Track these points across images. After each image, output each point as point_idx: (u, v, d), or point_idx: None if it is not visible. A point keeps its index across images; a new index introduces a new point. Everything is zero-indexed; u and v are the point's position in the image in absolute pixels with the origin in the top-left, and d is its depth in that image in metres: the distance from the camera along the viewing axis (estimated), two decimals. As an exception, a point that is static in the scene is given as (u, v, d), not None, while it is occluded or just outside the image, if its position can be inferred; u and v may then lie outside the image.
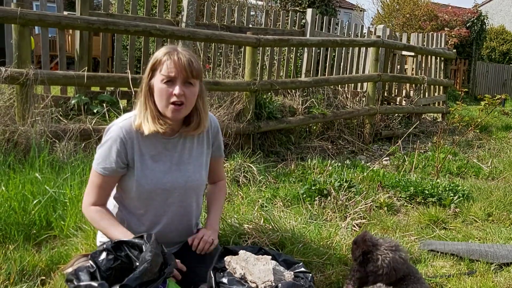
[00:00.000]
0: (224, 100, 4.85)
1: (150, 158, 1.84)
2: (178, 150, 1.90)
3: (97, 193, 1.85)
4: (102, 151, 1.82)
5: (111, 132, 1.82)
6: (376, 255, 1.89)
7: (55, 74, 3.82)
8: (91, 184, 1.86)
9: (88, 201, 1.86)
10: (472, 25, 15.11)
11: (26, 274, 2.15)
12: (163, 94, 1.76)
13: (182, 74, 1.75)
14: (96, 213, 1.84)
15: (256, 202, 3.29)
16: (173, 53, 1.76)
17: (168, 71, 1.74)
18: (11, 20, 3.58)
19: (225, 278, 1.65)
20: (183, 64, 1.74)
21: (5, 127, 3.39)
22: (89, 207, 1.85)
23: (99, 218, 1.84)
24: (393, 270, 1.86)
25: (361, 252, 1.93)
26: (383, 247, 1.91)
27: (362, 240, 1.95)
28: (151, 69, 1.79)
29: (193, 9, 5.83)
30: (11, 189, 2.68)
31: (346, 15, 26.78)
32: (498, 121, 9.24)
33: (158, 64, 1.77)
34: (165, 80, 1.75)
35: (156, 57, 1.79)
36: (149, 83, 1.80)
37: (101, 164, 1.81)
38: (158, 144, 1.86)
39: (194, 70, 1.77)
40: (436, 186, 3.94)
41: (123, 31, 4.21)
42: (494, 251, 2.78)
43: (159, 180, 1.84)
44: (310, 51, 7.04)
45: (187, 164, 1.91)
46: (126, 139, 1.80)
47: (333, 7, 10.30)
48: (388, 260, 1.86)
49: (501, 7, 27.20)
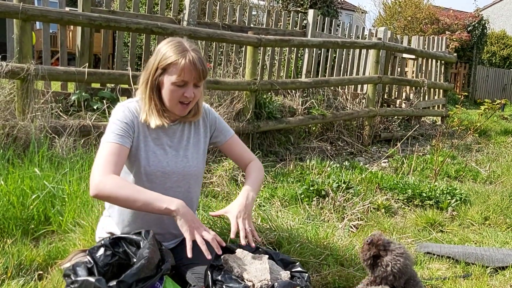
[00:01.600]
0: (224, 99, 4.86)
1: (152, 141, 1.88)
2: (177, 136, 1.95)
3: (112, 161, 1.70)
4: (111, 126, 1.80)
5: (118, 111, 1.84)
6: (386, 261, 1.86)
7: (55, 70, 3.82)
8: (102, 156, 1.72)
9: (102, 171, 1.67)
10: (473, 29, 15.13)
11: (23, 269, 2.16)
12: (174, 95, 1.80)
13: (195, 79, 1.80)
14: (119, 180, 1.67)
15: (254, 201, 3.29)
16: (188, 57, 1.77)
17: (183, 77, 1.77)
18: (13, 15, 3.58)
19: (222, 276, 1.66)
20: (198, 69, 1.78)
21: (5, 121, 3.39)
22: (108, 176, 1.66)
23: (123, 184, 1.67)
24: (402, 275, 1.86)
25: (372, 255, 1.89)
26: (394, 253, 1.87)
27: (376, 243, 1.90)
28: (162, 68, 1.79)
29: (195, 7, 5.83)
30: (10, 184, 2.69)
31: (348, 17, 26.80)
32: (497, 125, 9.25)
33: (171, 65, 1.77)
34: (178, 84, 1.78)
35: (169, 56, 1.77)
36: (158, 78, 1.81)
37: (112, 135, 1.77)
38: (158, 129, 1.90)
39: (204, 72, 1.82)
40: (434, 189, 3.95)
41: (125, 28, 4.21)
42: (490, 254, 2.80)
43: (160, 163, 1.87)
44: (311, 52, 7.05)
45: (185, 150, 1.95)
46: (132, 119, 1.84)
47: (334, 9, 10.32)
48: (398, 267, 1.84)
49: (503, 12, 27.22)
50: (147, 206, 1.64)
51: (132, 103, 1.89)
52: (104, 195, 1.65)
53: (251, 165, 2.11)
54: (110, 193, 1.64)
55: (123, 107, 1.85)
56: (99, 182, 1.65)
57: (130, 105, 1.87)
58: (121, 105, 1.87)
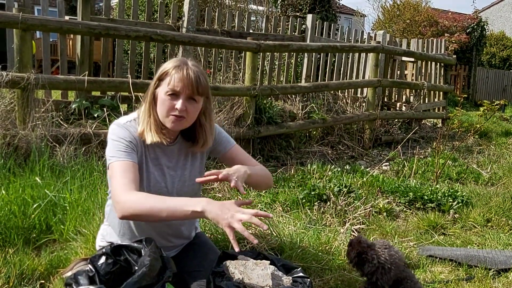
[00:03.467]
0: (224, 105, 4.87)
1: (150, 161, 1.85)
2: (175, 156, 1.91)
3: (128, 178, 1.66)
4: (116, 145, 1.75)
5: (119, 130, 1.79)
6: (371, 255, 1.93)
7: (56, 79, 3.83)
8: (117, 176, 1.68)
9: (122, 191, 1.63)
10: (472, 31, 15.15)
11: (25, 278, 2.16)
12: (165, 106, 1.75)
13: (187, 90, 1.73)
14: (138, 194, 1.64)
15: (255, 207, 3.30)
16: (183, 67, 1.74)
17: (174, 85, 1.73)
18: (12, 25, 3.60)
19: (224, 282, 1.65)
20: (190, 80, 1.73)
21: (6, 131, 3.40)
22: (127, 194, 1.62)
23: (144, 196, 1.63)
24: (391, 265, 1.88)
25: (356, 253, 1.96)
26: (376, 247, 1.95)
27: (357, 241, 1.99)
28: (158, 79, 1.78)
29: (194, 14, 5.85)
30: (11, 193, 2.69)
31: (347, 21, 26.85)
32: (498, 127, 9.25)
33: (166, 75, 1.76)
34: (169, 93, 1.74)
35: (165, 67, 1.77)
36: (154, 91, 1.79)
37: (120, 153, 1.73)
38: (157, 149, 1.87)
39: (200, 87, 1.75)
40: (435, 191, 3.95)
41: (124, 36, 4.23)
42: (492, 257, 2.79)
43: (158, 184, 1.85)
44: (310, 56, 7.07)
45: (183, 170, 1.92)
46: (133, 137, 1.79)
47: (333, 13, 10.34)
48: (384, 257, 1.89)
49: (501, 13, 27.27)
50: (173, 214, 1.58)
51: (130, 122, 1.83)
52: (130, 214, 1.62)
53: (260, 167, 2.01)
54: (134, 210, 1.60)
55: (123, 127, 1.80)
56: (122, 202, 1.62)
57: (128, 124, 1.82)
58: (119, 125, 1.81)
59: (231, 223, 1.49)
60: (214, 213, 1.53)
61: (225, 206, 1.55)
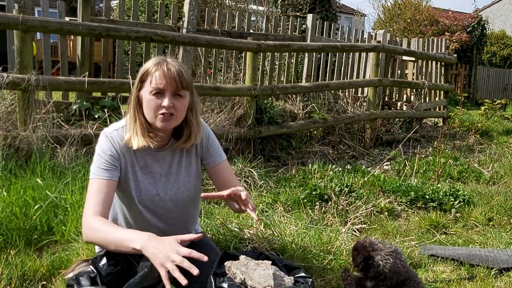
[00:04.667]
0: (225, 105, 4.87)
1: (140, 169, 1.83)
2: (168, 162, 1.88)
3: (96, 201, 1.71)
4: (97, 160, 1.78)
5: (102, 142, 1.79)
6: (377, 261, 1.89)
7: (56, 80, 3.84)
8: (88, 196, 1.74)
9: (90, 211, 1.69)
10: (473, 30, 15.14)
11: (27, 279, 2.16)
12: (152, 105, 1.72)
13: (171, 86, 1.70)
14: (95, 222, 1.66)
15: (256, 207, 3.30)
16: (162, 64, 1.72)
17: (157, 83, 1.70)
18: (13, 26, 3.60)
19: (225, 283, 1.65)
20: (172, 75, 1.70)
21: (7, 132, 3.41)
22: (88, 220, 1.67)
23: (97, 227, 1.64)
24: (394, 274, 1.87)
25: (362, 258, 1.92)
26: (384, 252, 1.91)
27: (363, 246, 1.95)
28: (140, 80, 1.75)
29: (194, 15, 5.85)
30: (13, 194, 2.70)
31: (347, 20, 26.84)
32: (499, 125, 9.24)
33: (147, 75, 1.73)
34: (154, 92, 1.70)
35: (145, 68, 1.74)
36: (138, 94, 1.76)
37: (98, 170, 1.75)
38: (147, 157, 1.84)
39: (184, 82, 1.72)
40: (436, 191, 3.94)
41: (124, 37, 4.23)
42: (494, 256, 2.78)
43: (149, 192, 1.84)
44: (310, 56, 7.07)
45: (177, 176, 1.90)
46: (117, 149, 1.78)
47: (333, 13, 10.34)
48: (390, 265, 1.87)
49: (502, 12, 27.25)
50: (119, 247, 1.58)
51: (117, 131, 1.81)
52: (88, 241, 1.68)
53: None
54: (90, 238, 1.65)
55: (107, 138, 1.79)
56: (84, 228, 1.67)
57: (114, 134, 1.80)
58: (105, 135, 1.80)
59: (163, 263, 1.45)
60: (150, 252, 1.49)
61: (164, 243, 1.50)
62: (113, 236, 1.58)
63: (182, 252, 1.46)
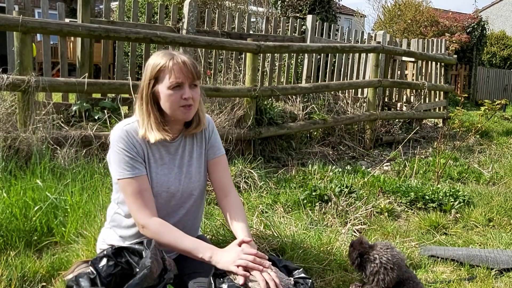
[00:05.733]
0: (225, 106, 4.87)
1: (154, 162, 1.86)
2: (179, 152, 1.92)
3: (143, 202, 1.76)
4: (121, 158, 1.78)
5: (119, 138, 1.80)
6: (373, 255, 1.92)
7: (56, 81, 3.84)
8: (130, 195, 1.77)
9: (143, 216, 1.75)
10: (473, 31, 15.15)
11: (27, 281, 2.16)
12: (174, 99, 1.77)
13: (189, 78, 1.77)
14: (160, 226, 1.75)
15: (256, 208, 3.30)
16: (175, 58, 1.77)
17: (176, 78, 1.75)
18: (13, 27, 3.61)
19: (225, 284, 1.65)
20: (189, 68, 1.77)
21: (7, 134, 3.41)
22: (150, 220, 1.75)
23: (164, 230, 1.74)
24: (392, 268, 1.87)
25: (357, 254, 1.96)
26: (379, 247, 1.94)
27: (358, 242, 1.99)
28: (154, 77, 1.78)
29: (194, 16, 5.86)
30: (13, 196, 2.70)
31: (347, 21, 26.85)
32: (499, 126, 9.24)
33: (161, 71, 1.76)
34: (173, 86, 1.76)
35: (157, 64, 1.77)
36: (152, 90, 1.79)
37: (127, 169, 1.77)
38: (161, 148, 1.87)
39: (198, 72, 1.80)
40: (436, 191, 3.94)
41: (124, 38, 4.24)
42: (494, 256, 2.78)
43: (164, 183, 1.86)
44: (310, 57, 7.07)
45: (189, 166, 1.93)
46: (135, 143, 1.81)
47: (333, 13, 10.34)
48: (386, 257, 1.89)
49: (502, 12, 27.26)
50: (186, 254, 1.74)
51: (130, 125, 1.84)
52: (148, 236, 1.76)
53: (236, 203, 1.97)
54: (153, 237, 1.73)
55: (123, 133, 1.80)
56: (143, 226, 1.76)
57: (128, 127, 1.82)
58: (120, 130, 1.81)
59: (235, 262, 1.64)
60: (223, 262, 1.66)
61: (227, 250, 1.71)
62: (183, 243, 1.73)
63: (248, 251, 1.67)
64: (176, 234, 1.74)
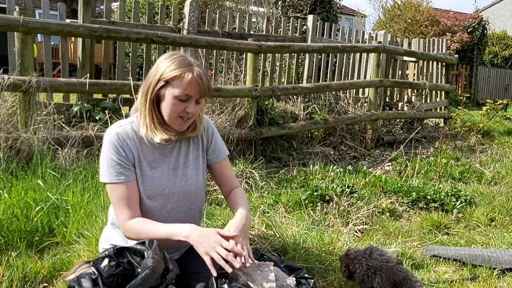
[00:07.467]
0: (226, 107, 4.86)
1: (147, 164, 1.84)
2: (174, 155, 1.90)
3: (126, 206, 1.77)
4: (109, 162, 1.77)
5: (110, 141, 1.79)
6: (354, 265, 1.94)
7: (57, 82, 3.84)
8: (114, 200, 1.79)
9: (123, 218, 1.77)
10: (474, 30, 15.15)
11: (28, 281, 2.15)
12: (175, 109, 1.74)
13: (198, 94, 1.74)
14: (137, 223, 1.76)
15: (258, 208, 3.29)
16: (195, 72, 1.72)
17: (188, 91, 1.72)
18: (14, 28, 3.61)
19: (227, 284, 1.65)
20: (203, 85, 1.73)
21: (8, 134, 3.41)
22: (130, 222, 1.76)
23: (140, 229, 1.74)
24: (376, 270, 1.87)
25: (344, 266, 1.99)
26: (359, 256, 1.95)
27: (344, 255, 2.02)
28: (166, 80, 1.73)
29: (195, 16, 5.85)
30: (14, 196, 2.69)
31: (348, 21, 26.84)
32: (501, 126, 9.23)
33: (175, 79, 1.71)
34: (180, 97, 1.72)
35: (173, 69, 1.72)
36: (158, 91, 1.75)
37: (114, 174, 1.76)
38: (155, 150, 1.85)
39: (208, 90, 1.77)
40: (438, 191, 3.93)
41: (125, 38, 4.23)
42: (497, 256, 2.77)
43: (158, 185, 1.84)
44: (311, 57, 7.06)
45: (184, 168, 1.91)
46: (122, 144, 1.79)
47: (334, 13, 10.34)
48: (366, 263, 1.91)
49: (503, 12, 27.24)
50: (165, 242, 1.73)
51: (122, 127, 1.81)
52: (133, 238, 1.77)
53: (238, 191, 2.03)
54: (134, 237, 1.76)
55: (114, 136, 1.78)
56: (124, 229, 1.78)
57: (120, 130, 1.80)
58: (112, 133, 1.79)
59: (208, 252, 1.63)
60: (195, 240, 1.66)
61: (207, 233, 1.67)
62: (157, 233, 1.72)
63: (225, 245, 1.64)
64: (151, 226, 1.75)
